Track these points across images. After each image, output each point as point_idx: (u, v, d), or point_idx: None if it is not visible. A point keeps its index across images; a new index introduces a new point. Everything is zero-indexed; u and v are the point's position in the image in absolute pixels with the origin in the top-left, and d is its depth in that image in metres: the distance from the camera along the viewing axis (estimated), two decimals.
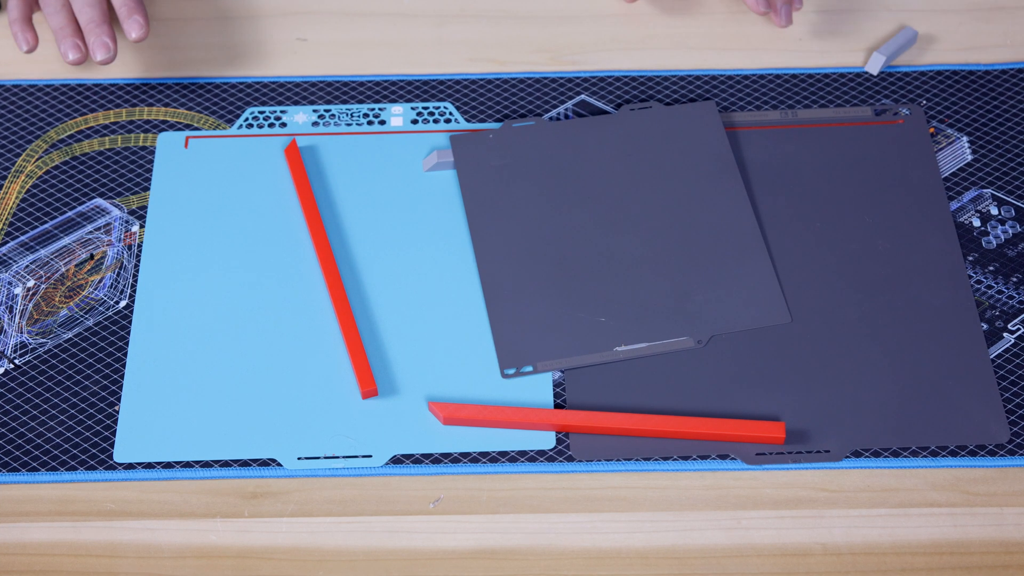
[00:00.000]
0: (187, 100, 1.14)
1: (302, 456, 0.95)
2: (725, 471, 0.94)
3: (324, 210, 1.07)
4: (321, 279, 1.03)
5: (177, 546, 0.92)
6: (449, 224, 1.06)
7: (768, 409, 0.97)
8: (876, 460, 0.94)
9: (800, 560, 0.91)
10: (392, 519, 0.93)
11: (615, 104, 1.13)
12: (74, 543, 0.92)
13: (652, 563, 0.91)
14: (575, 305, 1.01)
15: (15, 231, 1.07)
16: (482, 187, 1.07)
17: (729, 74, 1.16)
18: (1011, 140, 1.11)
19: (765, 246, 1.04)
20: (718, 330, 1.00)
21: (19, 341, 1.01)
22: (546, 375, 0.98)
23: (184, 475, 0.94)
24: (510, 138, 1.10)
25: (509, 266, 1.03)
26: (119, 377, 0.99)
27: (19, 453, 0.95)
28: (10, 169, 1.10)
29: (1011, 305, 1.02)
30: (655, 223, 1.05)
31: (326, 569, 0.91)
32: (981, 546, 0.91)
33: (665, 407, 0.96)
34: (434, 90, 1.15)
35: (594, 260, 1.03)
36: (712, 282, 1.02)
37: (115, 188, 1.09)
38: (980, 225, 1.06)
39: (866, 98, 1.14)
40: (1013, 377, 0.98)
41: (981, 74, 1.16)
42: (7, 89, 1.15)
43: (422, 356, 0.99)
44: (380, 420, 0.96)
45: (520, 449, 0.95)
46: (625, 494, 0.93)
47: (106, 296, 1.03)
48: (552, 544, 0.92)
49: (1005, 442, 0.95)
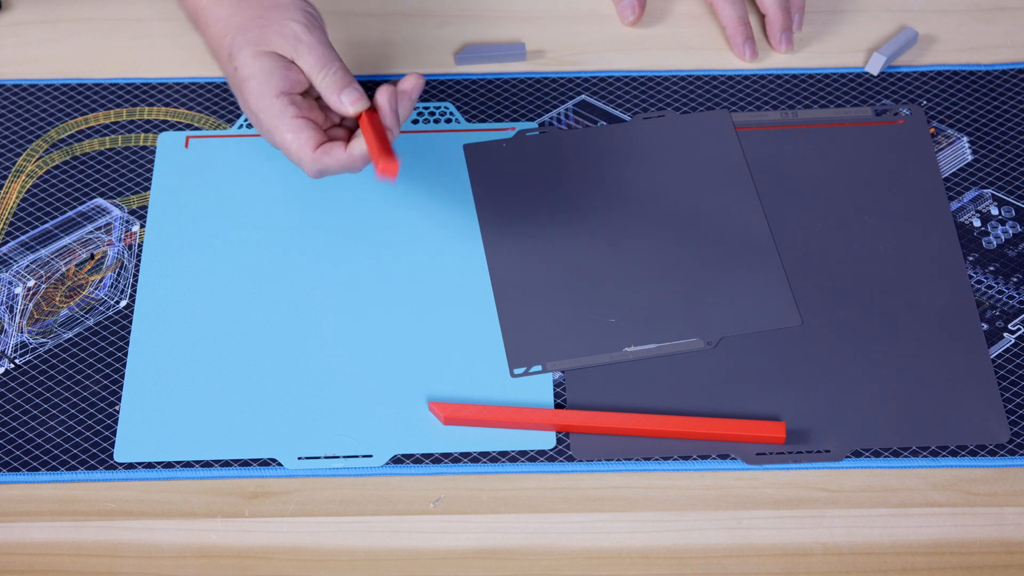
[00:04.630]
0: (187, 100, 1.14)
1: (302, 456, 0.95)
2: (726, 471, 0.94)
3: (325, 210, 1.07)
4: (321, 279, 1.03)
5: (178, 546, 0.92)
6: (452, 224, 1.06)
7: (768, 409, 0.97)
8: (876, 460, 0.94)
9: (800, 560, 0.91)
10: (392, 519, 0.93)
11: (615, 104, 1.14)
12: (75, 543, 0.92)
13: (653, 563, 0.91)
14: (585, 306, 1.01)
15: (15, 231, 1.07)
16: (495, 193, 1.08)
17: (729, 74, 1.16)
18: (1011, 140, 1.11)
19: (776, 250, 1.04)
20: (728, 332, 1.00)
21: (19, 341, 1.01)
22: (547, 375, 0.98)
23: (184, 475, 0.94)
24: (523, 146, 1.10)
25: (520, 267, 1.03)
26: (119, 377, 0.99)
27: (19, 453, 0.95)
28: (10, 169, 1.10)
29: (1011, 305, 1.02)
30: (667, 227, 1.06)
31: (326, 569, 0.91)
32: (982, 546, 0.91)
33: (665, 407, 0.96)
34: (434, 90, 1.15)
35: (605, 262, 1.04)
36: (723, 284, 1.02)
37: (115, 188, 1.09)
38: (980, 225, 1.06)
39: (866, 98, 1.14)
40: (1013, 377, 0.98)
41: (981, 74, 1.16)
42: (7, 89, 1.15)
43: (423, 356, 0.99)
44: (380, 420, 0.96)
45: (520, 449, 0.95)
46: (625, 494, 0.93)
47: (106, 296, 1.03)
48: (552, 544, 0.92)
49: (1005, 442, 0.95)
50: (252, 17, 1.01)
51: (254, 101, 1.00)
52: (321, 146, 1.00)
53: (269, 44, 1.01)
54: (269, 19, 1.01)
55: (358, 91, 1.01)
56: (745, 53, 1.16)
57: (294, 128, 0.99)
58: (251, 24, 1.01)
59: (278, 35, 1.01)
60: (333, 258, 1.04)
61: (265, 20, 1.01)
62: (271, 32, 1.01)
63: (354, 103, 1.00)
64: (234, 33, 1.02)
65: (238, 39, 1.01)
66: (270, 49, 1.00)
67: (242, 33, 1.01)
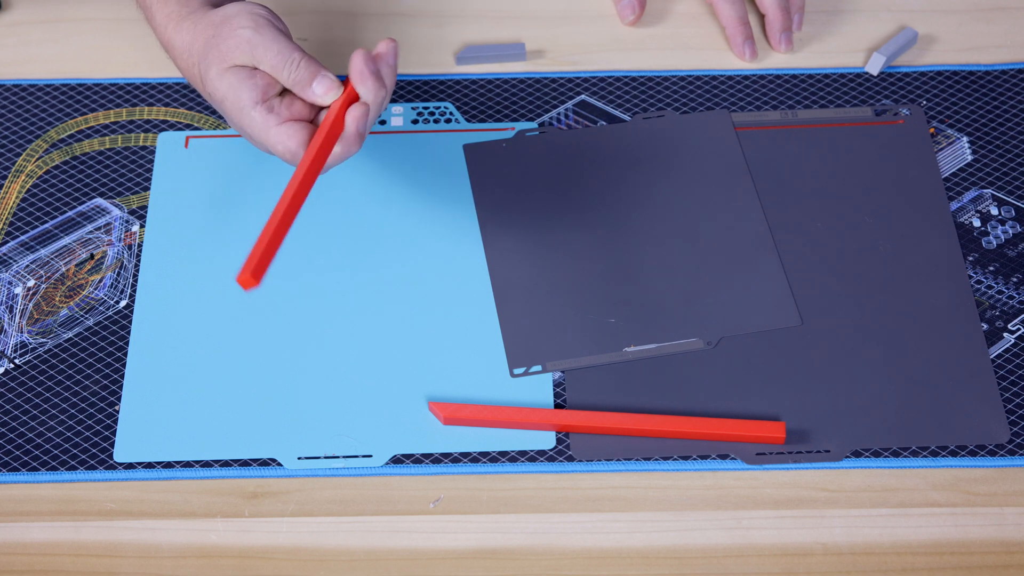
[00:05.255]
0: (187, 100, 1.14)
1: (302, 456, 0.95)
2: (725, 471, 0.94)
3: (325, 210, 1.07)
4: (321, 279, 1.03)
5: (177, 546, 0.92)
6: (452, 224, 1.06)
7: (768, 409, 0.97)
8: (876, 460, 0.94)
9: (800, 560, 0.91)
10: (392, 519, 0.93)
11: (615, 104, 1.14)
12: (74, 543, 0.92)
13: (653, 563, 0.91)
14: (585, 306, 1.01)
15: (15, 231, 1.07)
16: (495, 193, 1.08)
17: (729, 74, 1.16)
18: (1011, 140, 1.11)
19: (776, 250, 1.04)
20: (728, 332, 1.00)
21: (19, 341, 1.01)
22: (546, 375, 0.98)
23: (184, 475, 0.94)
24: (523, 146, 1.10)
25: (520, 267, 1.04)
26: (119, 377, 0.99)
27: (19, 453, 0.95)
28: (10, 169, 1.10)
29: (1011, 305, 1.02)
30: (667, 226, 1.06)
31: (326, 569, 0.91)
32: (981, 546, 0.91)
33: (665, 407, 0.96)
34: (434, 90, 1.15)
35: (605, 262, 1.04)
36: (723, 284, 1.02)
37: (115, 188, 1.09)
38: (980, 225, 1.06)
39: (866, 98, 1.14)
40: (1013, 377, 0.98)
41: (981, 74, 1.16)
42: (7, 89, 1.15)
43: (423, 356, 0.99)
44: (380, 420, 0.96)
45: (520, 449, 0.95)
46: (625, 494, 0.93)
47: (106, 296, 1.03)
48: (552, 544, 0.92)
49: (1005, 442, 0.95)
50: (208, 38, 1.00)
51: (236, 118, 0.99)
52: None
53: (228, 59, 0.99)
54: (221, 34, 0.99)
55: (329, 78, 0.98)
56: (745, 53, 1.16)
57: (282, 136, 0.97)
58: (209, 44, 1.00)
59: (233, 48, 0.99)
60: (333, 258, 1.04)
61: (219, 36, 0.99)
62: (226, 47, 0.99)
63: (327, 91, 0.97)
64: (198, 58, 1.01)
65: (202, 63, 1.00)
66: (232, 63, 0.99)
67: (204, 57, 1.00)
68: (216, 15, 1.01)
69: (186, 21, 1.02)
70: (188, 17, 1.02)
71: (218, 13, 1.01)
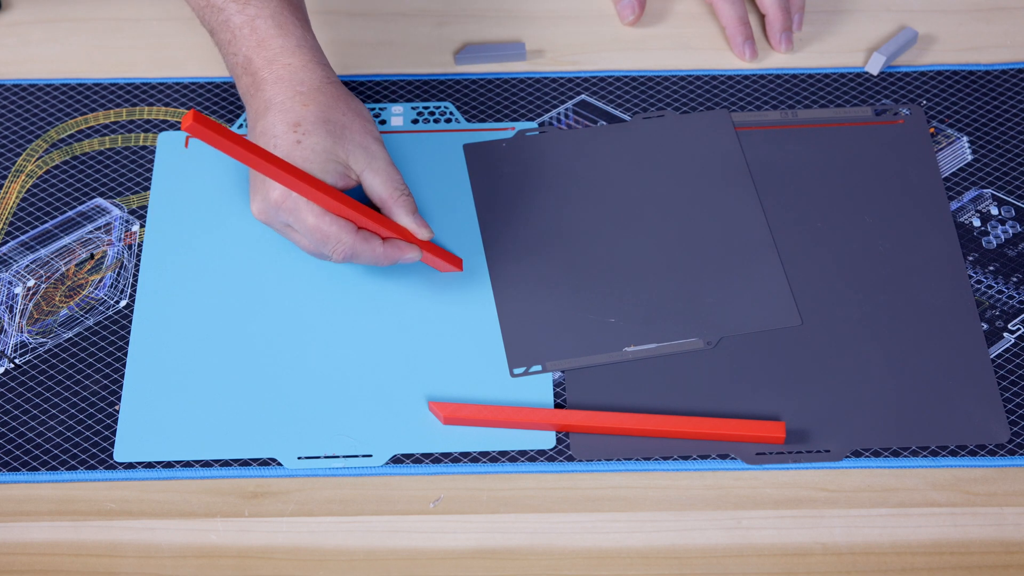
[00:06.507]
0: (187, 100, 1.14)
1: (302, 456, 0.95)
2: (725, 471, 0.94)
3: None
4: (321, 278, 1.03)
5: (177, 546, 0.92)
6: (452, 224, 1.06)
7: (768, 409, 0.97)
8: (876, 460, 0.94)
9: (800, 560, 0.91)
10: (392, 519, 0.93)
11: (615, 104, 1.14)
12: (74, 543, 0.92)
13: (652, 563, 0.91)
14: (585, 306, 1.01)
15: (15, 231, 1.07)
16: (495, 193, 1.08)
17: (729, 74, 1.16)
18: (1011, 140, 1.11)
19: (776, 250, 1.04)
20: (728, 332, 1.00)
21: (19, 341, 1.01)
22: (546, 375, 0.98)
23: (184, 475, 0.94)
24: (523, 146, 1.10)
25: (520, 266, 1.04)
26: (119, 377, 0.99)
27: (19, 453, 0.95)
28: (10, 169, 1.10)
29: (1011, 305, 1.02)
30: (667, 226, 1.06)
31: (326, 569, 0.91)
32: (981, 546, 0.91)
33: (665, 407, 0.96)
34: (434, 90, 1.15)
35: (605, 262, 1.04)
36: (723, 284, 1.02)
37: (115, 188, 1.09)
38: (980, 225, 1.06)
39: (866, 98, 1.14)
40: (1013, 377, 0.98)
41: (981, 74, 1.16)
42: (7, 89, 1.15)
43: (422, 356, 0.99)
44: (380, 420, 0.96)
45: (520, 449, 0.95)
46: (625, 494, 0.93)
47: (106, 296, 1.03)
48: (552, 544, 0.92)
49: (1005, 442, 0.95)
50: (326, 110, 0.99)
51: (291, 158, 0.97)
52: (360, 231, 0.98)
53: (344, 146, 0.98)
54: (352, 126, 0.99)
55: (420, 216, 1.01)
56: (745, 53, 1.16)
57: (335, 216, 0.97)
58: (335, 116, 0.99)
59: (359, 146, 0.99)
60: None
61: (347, 121, 0.99)
62: (351, 139, 0.99)
63: (425, 227, 0.99)
64: (313, 118, 0.98)
65: (319, 126, 0.98)
66: (342, 155, 0.98)
67: (324, 123, 0.98)
68: (345, 102, 1.00)
69: (285, 55, 1.01)
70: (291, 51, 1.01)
71: (347, 101, 1.00)
